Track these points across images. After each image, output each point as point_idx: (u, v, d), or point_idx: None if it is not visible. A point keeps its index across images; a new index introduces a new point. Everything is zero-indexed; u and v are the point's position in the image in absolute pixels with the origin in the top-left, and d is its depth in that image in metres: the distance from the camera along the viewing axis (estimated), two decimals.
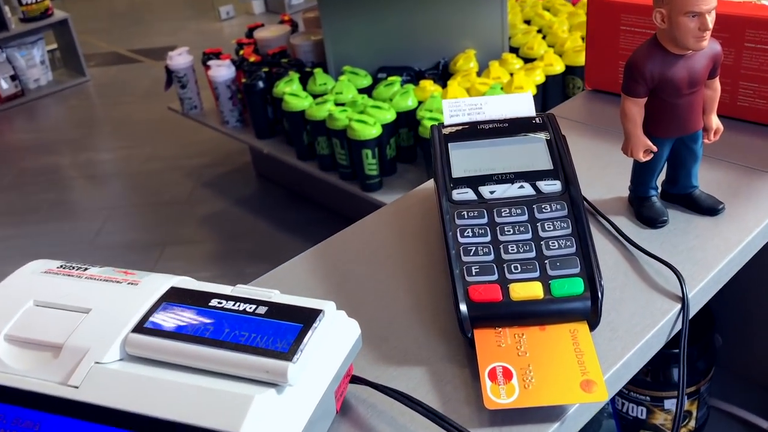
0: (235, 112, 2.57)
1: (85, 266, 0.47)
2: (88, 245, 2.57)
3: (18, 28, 3.75)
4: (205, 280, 1.62)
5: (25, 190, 3.00)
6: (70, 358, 0.40)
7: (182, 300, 0.42)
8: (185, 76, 2.64)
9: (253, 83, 2.37)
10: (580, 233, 0.50)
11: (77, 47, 4.00)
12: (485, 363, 0.45)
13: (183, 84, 2.65)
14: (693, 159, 0.59)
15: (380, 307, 0.54)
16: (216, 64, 2.53)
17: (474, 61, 2.32)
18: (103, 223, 2.70)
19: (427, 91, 2.16)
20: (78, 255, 2.50)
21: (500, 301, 0.47)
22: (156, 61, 4.23)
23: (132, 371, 0.39)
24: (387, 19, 2.36)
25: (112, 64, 4.32)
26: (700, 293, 0.54)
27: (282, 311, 0.41)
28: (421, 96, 2.16)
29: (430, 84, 2.20)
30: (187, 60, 2.64)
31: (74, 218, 2.77)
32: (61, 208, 2.86)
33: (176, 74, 2.64)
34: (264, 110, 2.42)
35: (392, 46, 2.42)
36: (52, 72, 4.08)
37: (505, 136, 0.58)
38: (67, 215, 2.81)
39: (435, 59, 2.42)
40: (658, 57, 0.54)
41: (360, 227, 0.65)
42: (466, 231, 0.51)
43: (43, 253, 2.52)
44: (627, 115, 0.56)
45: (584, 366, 0.45)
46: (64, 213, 2.82)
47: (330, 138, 2.15)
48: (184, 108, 2.72)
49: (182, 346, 0.39)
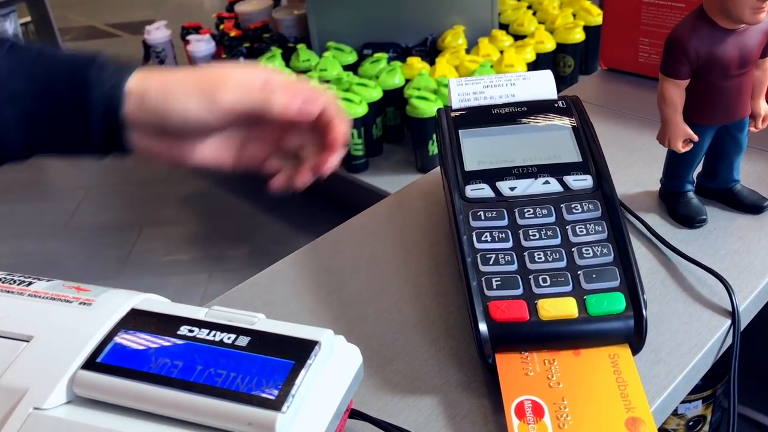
0: None
1: (29, 279, 0.39)
2: (63, 227, 2.48)
3: None
4: (184, 262, 1.53)
5: None
6: (3, 400, 0.32)
7: (145, 326, 0.34)
8: (163, 51, 2.55)
9: (234, 59, 2.29)
10: (618, 239, 0.43)
11: (52, 21, 3.87)
12: (511, 396, 0.38)
13: (161, 59, 2.56)
14: (737, 150, 0.52)
15: (381, 321, 0.47)
16: (195, 39, 2.45)
17: (462, 38, 2.26)
18: (78, 204, 2.61)
19: (414, 68, 2.10)
20: (53, 237, 2.42)
21: (527, 320, 0.40)
22: (134, 35, 4.11)
23: (79, 419, 0.32)
24: None
25: (88, 39, 4.19)
26: (751, 305, 0.47)
27: (269, 343, 0.33)
28: (409, 74, 2.09)
29: (418, 61, 2.13)
30: (166, 34, 2.55)
31: (48, 198, 2.68)
32: (35, 187, 2.77)
33: (154, 49, 2.55)
34: None
35: (378, 22, 2.35)
36: None
37: (525, 123, 0.51)
38: (41, 195, 2.71)
39: (422, 35, 2.35)
40: (704, 32, 0.47)
41: (355, 224, 0.57)
42: (484, 235, 0.43)
43: (17, 234, 2.43)
44: (666, 99, 0.49)
45: (629, 400, 0.38)
46: (37, 193, 2.73)
47: None
48: None
49: (144, 387, 0.31)
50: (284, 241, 2.28)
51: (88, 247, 2.43)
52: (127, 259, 2.29)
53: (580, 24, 2.21)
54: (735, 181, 0.54)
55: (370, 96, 2.00)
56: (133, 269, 2.25)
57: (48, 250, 2.36)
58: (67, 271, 2.01)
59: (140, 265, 2.26)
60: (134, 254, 2.31)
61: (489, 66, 2.01)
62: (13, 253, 2.35)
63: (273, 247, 2.26)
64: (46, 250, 2.36)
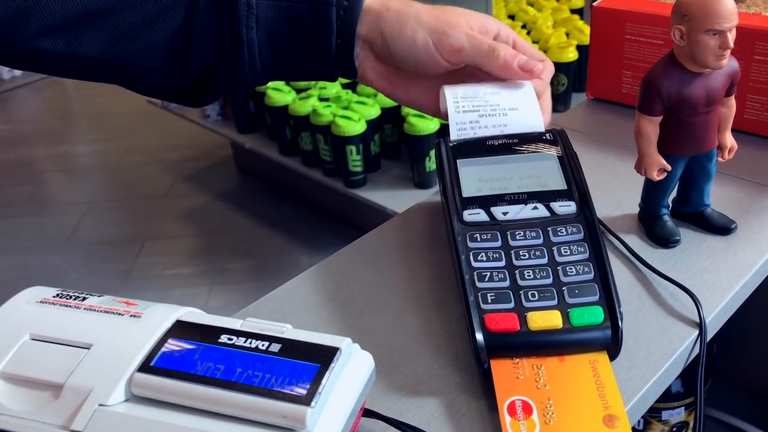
0: (216, 106, 2.53)
1: (83, 295, 0.44)
2: (65, 241, 2.52)
3: None
4: (186, 275, 1.61)
5: None
6: (71, 399, 0.38)
7: (190, 335, 0.40)
8: None
9: None
10: (598, 258, 0.49)
11: None
12: (504, 397, 0.43)
13: None
14: (706, 177, 0.58)
15: (388, 331, 0.53)
16: None
17: None
18: (80, 218, 2.65)
19: None
20: (55, 251, 2.46)
21: (518, 330, 0.45)
22: None
23: (138, 414, 0.37)
24: None
25: None
26: (716, 318, 0.53)
27: (297, 349, 0.39)
28: None
29: None
30: None
31: (50, 213, 2.72)
32: (36, 202, 2.81)
33: None
34: (246, 104, 2.39)
35: None
36: None
37: (516, 153, 0.56)
38: (43, 210, 2.75)
39: None
40: (675, 75, 0.53)
41: (362, 244, 0.63)
42: (480, 255, 0.49)
43: (19, 248, 2.47)
44: (642, 133, 0.55)
45: (606, 399, 0.43)
46: (40, 207, 2.77)
47: (314, 133, 2.12)
48: (163, 101, 2.67)
49: (192, 387, 0.37)
50: (284, 255, 2.33)
51: (90, 260, 2.47)
52: (128, 272, 2.34)
53: (573, 43, 2.26)
54: (705, 206, 0.60)
55: (369, 114, 2.04)
56: (134, 283, 2.28)
57: (50, 263, 2.40)
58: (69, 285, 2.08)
59: (142, 279, 2.30)
60: (136, 268, 2.36)
61: None
62: (15, 266, 2.39)
63: (273, 260, 2.31)
64: (48, 264, 2.40)
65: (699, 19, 0.49)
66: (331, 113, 2.04)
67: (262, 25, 0.55)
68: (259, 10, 0.55)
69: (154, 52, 0.55)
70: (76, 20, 0.52)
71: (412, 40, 0.56)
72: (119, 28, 0.53)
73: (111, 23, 0.53)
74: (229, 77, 0.57)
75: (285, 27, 0.55)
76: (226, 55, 0.55)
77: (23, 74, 3.92)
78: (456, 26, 0.56)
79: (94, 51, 0.53)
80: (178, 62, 0.56)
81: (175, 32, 0.54)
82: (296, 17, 0.55)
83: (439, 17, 0.57)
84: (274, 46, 0.56)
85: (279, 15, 0.55)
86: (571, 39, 2.30)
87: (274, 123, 2.26)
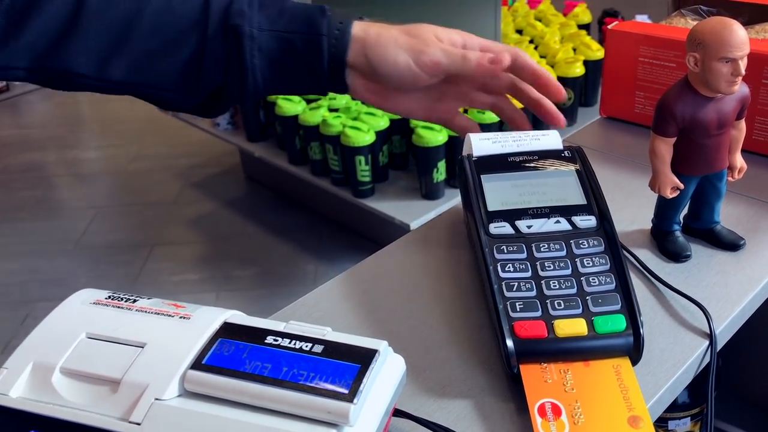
0: (226, 115, 2.56)
1: (133, 297, 0.47)
2: (73, 245, 2.55)
3: None
4: (193, 282, 1.66)
5: (9, 187, 2.97)
6: (129, 393, 0.40)
7: (237, 336, 0.43)
8: None
9: None
10: (618, 269, 0.52)
11: None
12: (534, 399, 0.46)
13: None
14: (717, 196, 0.61)
15: (415, 337, 0.55)
16: None
17: None
18: (89, 223, 2.68)
19: None
20: (63, 255, 2.48)
21: (546, 337, 0.48)
22: None
23: (192, 408, 0.40)
24: None
25: None
26: (726, 329, 0.55)
27: (338, 350, 0.42)
28: None
29: None
30: None
31: (60, 217, 2.75)
32: (46, 206, 2.84)
33: None
34: (256, 114, 2.42)
35: None
36: None
37: (537, 169, 0.59)
38: (52, 214, 2.78)
39: None
40: (689, 99, 0.56)
41: (386, 255, 0.66)
42: (507, 266, 0.52)
43: (28, 252, 2.49)
44: (656, 153, 0.58)
45: (630, 402, 0.46)
46: (49, 211, 2.79)
47: (323, 143, 2.15)
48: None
49: (242, 384, 0.40)
50: (291, 263, 2.36)
51: (98, 265, 2.50)
52: (137, 277, 2.36)
53: (580, 58, 2.29)
54: (716, 223, 0.63)
55: (378, 125, 2.08)
56: (142, 288, 2.31)
57: (58, 267, 2.42)
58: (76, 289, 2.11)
59: (150, 284, 2.32)
60: (144, 273, 2.38)
61: None
62: (23, 270, 2.41)
63: (279, 268, 2.33)
64: (56, 268, 2.42)
65: (713, 47, 0.53)
66: (341, 123, 2.07)
67: (264, 53, 0.63)
68: (261, 40, 0.62)
69: (172, 75, 0.63)
70: (106, 46, 0.60)
71: (394, 62, 0.63)
72: (140, 54, 0.61)
73: (134, 48, 0.60)
74: (235, 95, 0.65)
75: (283, 54, 0.63)
76: (233, 77, 0.63)
77: None
78: (431, 43, 0.63)
79: (119, 75, 0.61)
80: (192, 84, 0.63)
81: (190, 58, 0.62)
82: (293, 46, 0.63)
83: (414, 37, 0.64)
84: (274, 69, 0.64)
85: (278, 44, 0.63)
86: (578, 54, 2.34)
87: (284, 132, 2.29)
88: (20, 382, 0.42)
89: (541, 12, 2.77)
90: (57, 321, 0.45)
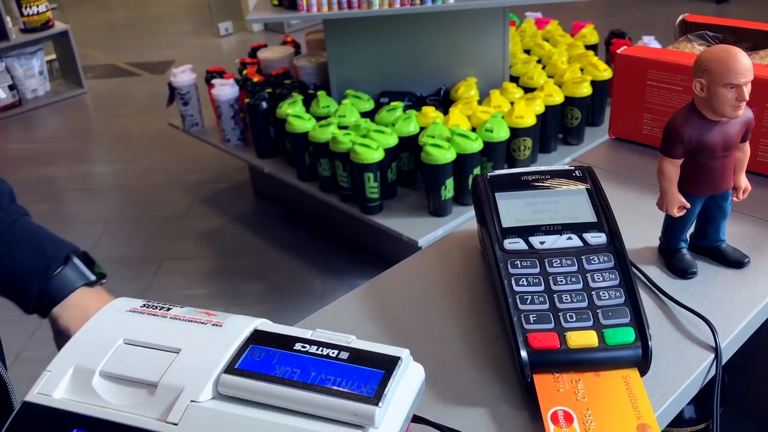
0: (237, 131, 2.59)
1: (167, 306, 0.50)
2: None
3: (18, 38, 3.75)
4: (201, 296, 1.70)
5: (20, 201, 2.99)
6: (166, 395, 0.43)
7: (267, 343, 0.45)
8: (188, 94, 2.66)
9: (257, 103, 2.40)
10: (627, 284, 0.54)
11: (76, 59, 4.01)
12: (547, 407, 0.49)
13: (185, 101, 2.67)
14: (722, 215, 0.63)
15: (431, 348, 0.58)
16: (220, 83, 2.56)
17: (475, 89, 2.37)
18: (99, 237, 2.71)
19: (429, 117, 2.21)
20: None
21: (558, 348, 0.51)
22: (154, 74, 4.25)
23: (226, 410, 0.42)
24: (390, 44, 2.41)
25: (110, 77, 4.32)
26: (731, 344, 0.58)
27: (363, 357, 0.44)
28: (423, 122, 2.20)
29: (432, 110, 2.24)
30: (191, 78, 2.67)
31: (70, 231, 2.77)
32: (56, 220, 2.87)
33: (179, 91, 2.66)
34: (266, 130, 2.45)
35: (395, 71, 2.47)
36: (50, 82, 4.09)
37: (549, 188, 0.62)
38: (62, 227, 2.80)
39: (436, 85, 2.47)
40: (695, 122, 0.58)
41: (402, 269, 0.68)
42: (521, 280, 0.54)
43: None
44: (664, 174, 0.60)
45: (638, 410, 0.48)
46: (59, 225, 2.82)
47: (332, 160, 2.18)
48: (186, 125, 2.74)
49: (273, 387, 0.42)
50: (299, 278, 2.38)
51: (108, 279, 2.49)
52: (145, 291, 2.38)
53: (587, 78, 2.32)
54: (721, 241, 0.65)
55: (387, 142, 2.11)
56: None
57: None
58: None
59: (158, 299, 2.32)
60: (153, 287, 2.41)
61: (500, 117, 2.12)
62: None
63: (287, 283, 2.36)
64: None
65: (718, 74, 0.55)
66: (351, 141, 2.10)
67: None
68: None
69: None
70: None
71: None
72: None
73: None
74: None
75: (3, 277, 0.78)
76: None
77: (46, 94, 4.01)
78: None
79: None
80: None
81: None
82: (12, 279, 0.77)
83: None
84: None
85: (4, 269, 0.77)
86: (585, 74, 2.37)
87: (293, 149, 2.32)
88: (62, 385, 0.44)
89: (548, 32, 2.81)
90: (95, 327, 0.48)
